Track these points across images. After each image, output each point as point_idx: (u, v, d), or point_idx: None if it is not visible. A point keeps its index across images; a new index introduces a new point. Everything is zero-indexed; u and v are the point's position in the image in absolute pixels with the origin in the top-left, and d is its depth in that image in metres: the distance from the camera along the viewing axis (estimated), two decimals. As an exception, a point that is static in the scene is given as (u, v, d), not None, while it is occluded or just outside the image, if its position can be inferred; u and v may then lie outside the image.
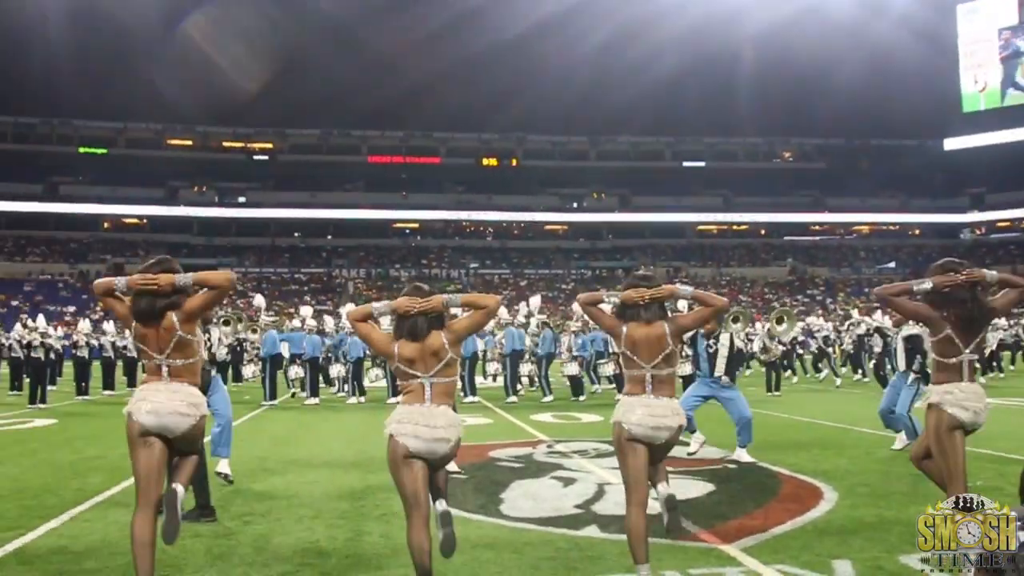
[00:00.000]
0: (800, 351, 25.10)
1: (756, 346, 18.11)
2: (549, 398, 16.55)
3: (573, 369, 17.07)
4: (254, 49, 63.41)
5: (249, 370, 20.36)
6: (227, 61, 63.54)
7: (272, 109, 67.75)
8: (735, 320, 10.83)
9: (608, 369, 17.17)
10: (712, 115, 69.83)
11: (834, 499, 6.52)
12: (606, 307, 4.91)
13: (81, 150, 68.94)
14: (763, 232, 72.94)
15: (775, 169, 76.16)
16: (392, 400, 16.64)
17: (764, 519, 5.99)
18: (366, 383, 17.64)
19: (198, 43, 62.66)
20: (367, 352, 16.86)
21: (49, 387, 17.60)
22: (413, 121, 70.89)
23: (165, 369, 4.21)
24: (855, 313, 23.75)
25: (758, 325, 19.83)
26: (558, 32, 66.63)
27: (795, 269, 66.31)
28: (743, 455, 8.88)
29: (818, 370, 22.89)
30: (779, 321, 17.13)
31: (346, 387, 17.97)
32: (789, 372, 21.78)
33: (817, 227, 73.13)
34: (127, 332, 15.69)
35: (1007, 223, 69.84)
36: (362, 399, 16.99)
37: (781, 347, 17.66)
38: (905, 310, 5.02)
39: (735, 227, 73.41)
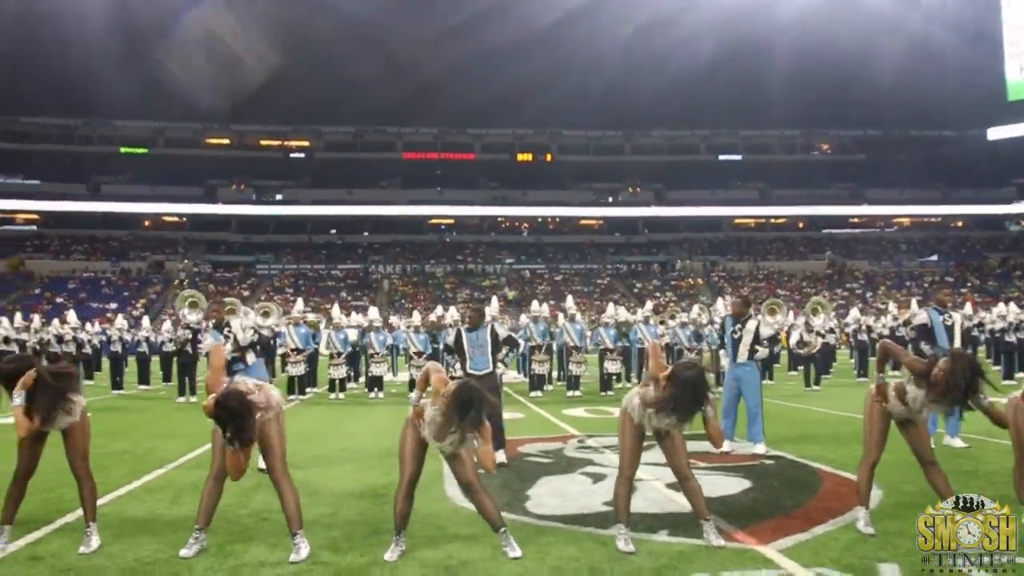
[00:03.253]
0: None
1: (793, 339, 17.78)
2: (575, 393, 16.29)
3: (614, 367, 16.75)
4: (289, 48, 63.68)
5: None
6: (263, 60, 63.89)
7: (308, 107, 68.03)
8: (771, 312, 10.54)
9: (614, 367, 16.76)
10: (747, 107, 68.73)
11: (878, 497, 6.17)
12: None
13: (122, 150, 69.88)
14: (801, 225, 71.82)
15: (812, 161, 74.96)
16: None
17: (804, 519, 5.68)
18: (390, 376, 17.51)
19: (232, 43, 63.04)
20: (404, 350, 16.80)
21: (85, 382, 17.69)
22: (448, 117, 70.79)
23: None
24: (892, 306, 23.15)
25: (797, 318, 19.43)
26: (589, 23, 65.86)
27: (833, 262, 65.17)
28: (759, 449, 8.66)
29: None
30: (815, 312, 16.81)
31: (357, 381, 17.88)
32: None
33: (856, 220, 71.77)
34: (162, 328, 15.71)
35: (1055, 213, 68.06)
36: (380, 394, 16.78)
37: (820, 339, 17.18)
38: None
39: (772, 220, 72.38)
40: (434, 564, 4.76)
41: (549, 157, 74.54)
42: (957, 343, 8.86)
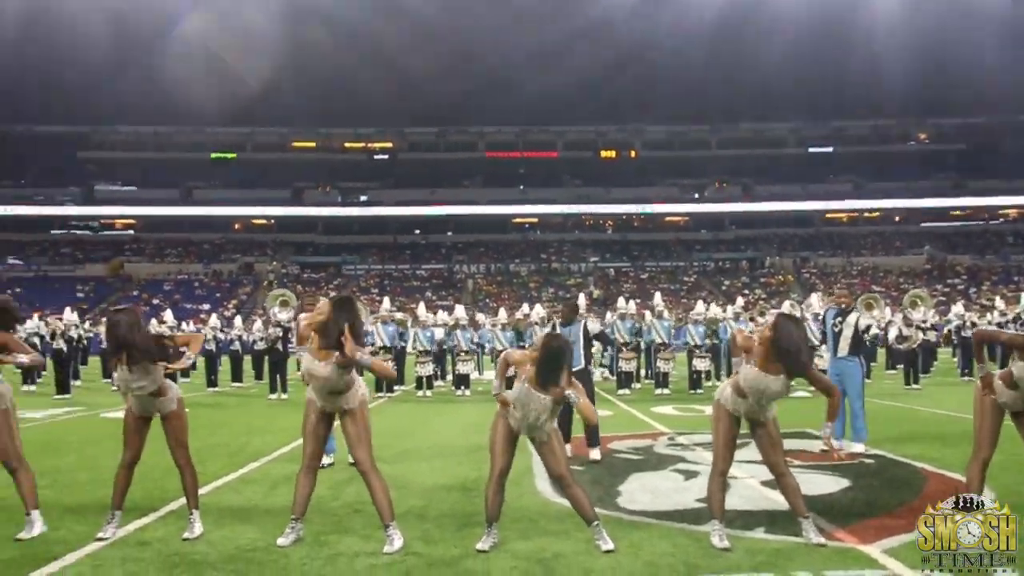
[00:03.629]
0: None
1: (892, 334, 17.14)
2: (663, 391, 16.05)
3: (703, 365, 16.48)
4: (369, 52, 64.83)
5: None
6: (346, 65, 65.17)
7: (391, 109, 69.06)
8: (868, 307, 10.21)
9: (703, 365, 16.43)
10: (838, 97, 66.74)
11: (989, 499, 5.86)
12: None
13: (212, 156, 72.29)
14: (897, 219, 69.29)
15: (909, 152, 72.20)
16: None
17: (910, 519, 5.43)
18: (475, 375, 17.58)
19: (318, 48, 64.45)
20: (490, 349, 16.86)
21: (182, 380, 18.31)
22: (529, 116, 70.88)
23: None
24: (1000, 302, 22.06)
25: (895, 314, 18.74)
26: (672, 16, 65.17)
27: (933, 257, 62.70)
28: (858, 448, 8.39)
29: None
30: (913, 306, 16.17)
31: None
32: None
33: (957, 212, 68.85)
34: (253, 327, 16.07)
35: None
36: (467, 392, 16.86)
37: (920, 334, 16.52)
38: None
39: (866, 214, 70.02)
40: (527, 556, 4.73)
41: (633, 153, 73.84)
42: (843, 348, 8.72)
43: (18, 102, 64.37)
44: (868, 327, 8.98)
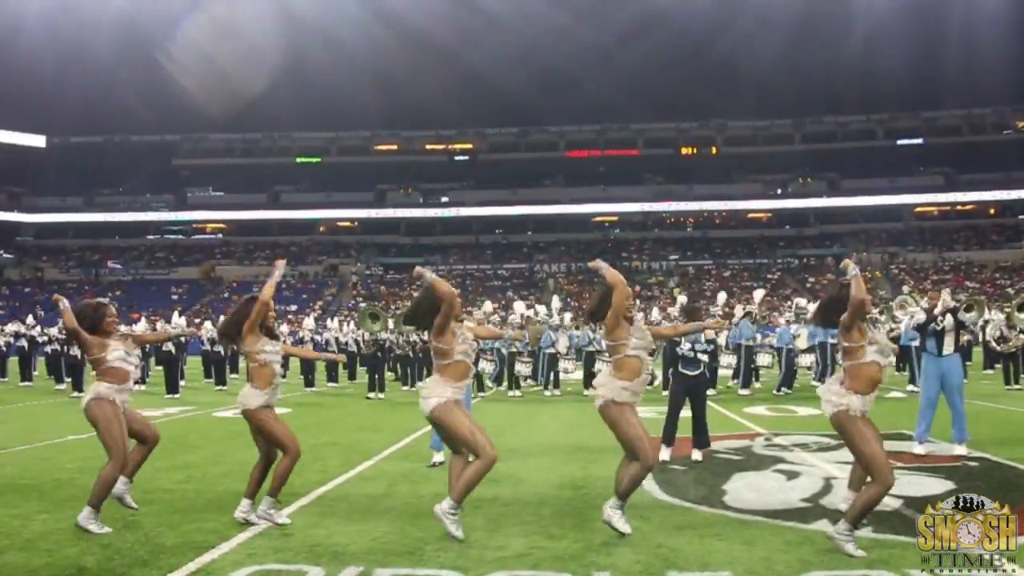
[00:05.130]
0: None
1: (991, 334, 16.78)
2: (745, 392, 16.08)
3: (765, 360, 16.53)
4: (444, 53, 65.69)
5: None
6: (422, 67, 66.21)
7: (471, 110, 69.86)
8: (968, 310, 10.15)
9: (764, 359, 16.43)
10: (927, 86, 64.69)
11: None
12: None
13: (298, 160, 74.38)
14: (992, 212, 66.86)
15: (1005, 141, 69.36)
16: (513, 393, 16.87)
17: (1020, 522, 5.51)
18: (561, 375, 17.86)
19: (395, 52, 65.54)
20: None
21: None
22: (609, 114, 70.83)
23: None
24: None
25: (994, 313, 18.33)
26: (754, 9, 64.28)
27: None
28: (961, 450, 8.35)
29: None
30: (1021, 308, 15.78)
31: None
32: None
33: (1057, 203, 66.08)
34: (345, 329, 16.79)
35: None
36: (557, 391, 17.17)
37: (1022, 336, 16.13)
38: None
39: (959, 207, 67.72)
40: (645, 550, 4.97)
41: (714, 150, 73.05)
42: (947, 345, 8.60)
43: (116, 113, 67.46)
44: (1000, 336, 8.96)
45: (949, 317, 8.73)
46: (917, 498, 6.33)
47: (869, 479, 5.00)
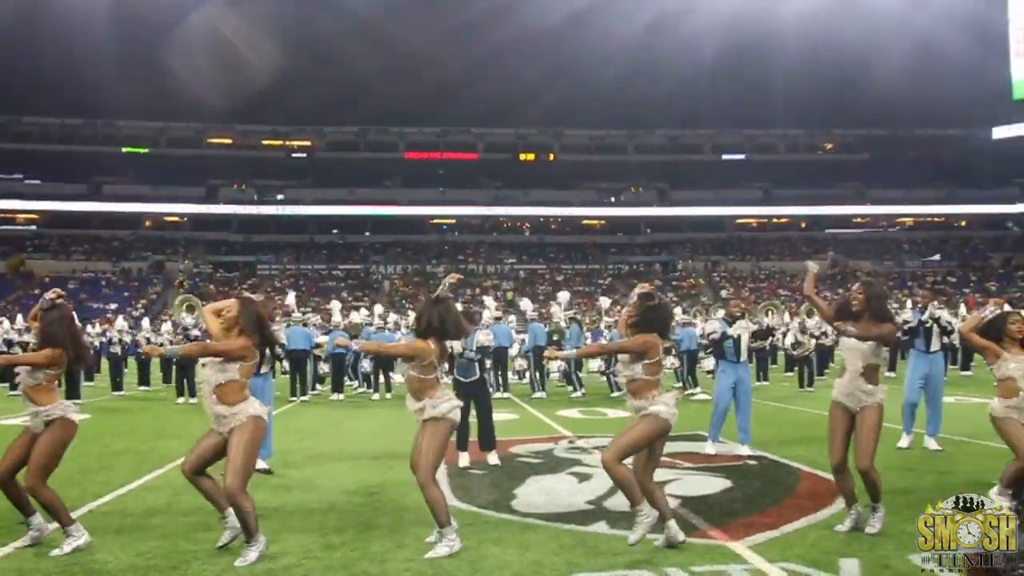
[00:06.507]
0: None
1: (788, 341, 17.98)
2: (579, 394, 16.45)
3: (595, 364, 17.05)
4: (291, 48, 63.98)
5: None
6: (264, 59, 64.17)
7: (310, 107, 68.28)
8: (766, 313, 10.76)
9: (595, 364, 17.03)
10: (751, 107, 68.79)
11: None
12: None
13: (124, 150, 70.20)
14: (804, 225, 71.85)
15: (816, 161, 74.86)
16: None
17: (776, 517, 5.91)
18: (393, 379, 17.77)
19: (235, 43, 63.29)
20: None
21: (85, 383, 17.93)
22: (450, 117, 71.07)
23: None
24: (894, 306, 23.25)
25: (793, 319, 19.64)
26: (593, 24, 66.19)
27: (836, 262, 65.18)
28: (743, 450, 8.85)
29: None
30: (810, 314, 17.01)
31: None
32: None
33: (859, 219, 71.77)
34: (162, 329, 16.04)
35: (1058, 214, 68.06)
36: (388, 395, 17.11)
37: (814, 341, 17.36)
38: None
39: (775, 220, 72.36)
40: (419, 557, 4.97)
41: (552, 156, 74.68)
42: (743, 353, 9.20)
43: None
44: (795, 342, 9.53)
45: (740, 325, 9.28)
46: (695, 497, 6.67)
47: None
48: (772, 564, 4.71)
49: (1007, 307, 7.74)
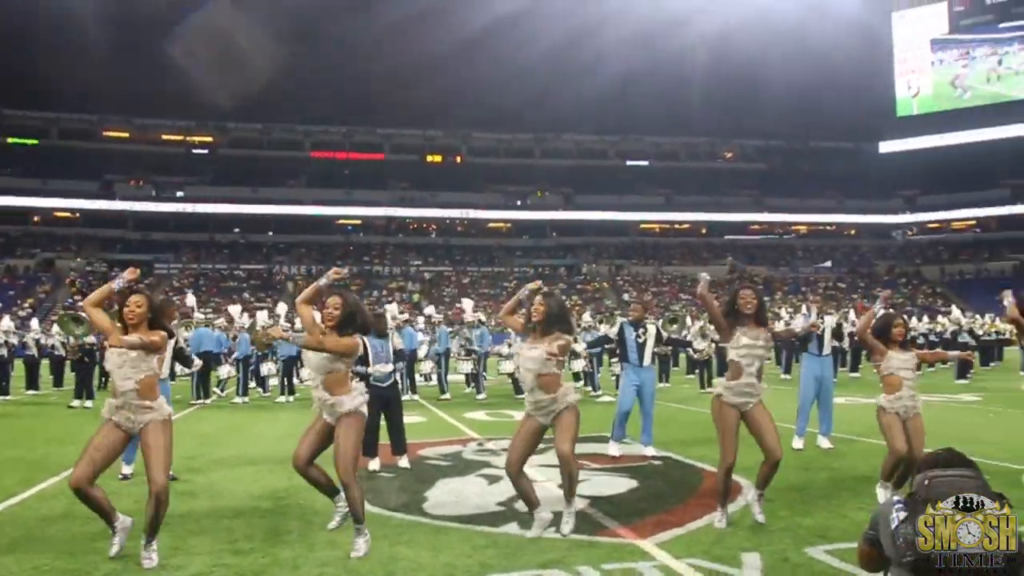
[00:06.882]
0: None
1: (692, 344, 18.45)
2: (483, 396, 16.59)
3: (509, 367, 17.13)
4: (197, 39, 62.29)
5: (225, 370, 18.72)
6: (166, 51, 62.31)
7: (212, 102, 66.54)
8: (672, 322, 11.01)
9: (508, 367, 17.14)
10: (658, 116, 70.68)
11: (753, 494, 6.64)
12: None
13: (10, 140, 66.82)
14: (704, 231, 73.93)
15: (716, 169, 77.20)
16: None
17: (682, 514, 6.10)
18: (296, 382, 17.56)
19: (132, 32, 61.25)
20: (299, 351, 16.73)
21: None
22: (357, 117, 70.39)
23: None
24: (784, 312, 24.21)
25: (694, 323, 20.18)
26: (508, 33, 66.78)
27: (734, 268, 67.32)
28: (649, 451, 9.08)
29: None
30: (672, 322, 17.53)
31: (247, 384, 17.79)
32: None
33: (757, 226, 74.33)
34: (52, 330, 15.44)
35: (937, 224, 72.12)
36: (291, 398, 16.88)
37: (714, 344, 17.90)
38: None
39: (677, 226, 74.21)
40: (331, 562, 4.93)
41: (459, 159, 74.78)
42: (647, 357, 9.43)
43: None
44: (669, 338, 9.77)
45: (649, 330, 9.50)
46: (603, 497, 6.82)
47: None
48: (679, 560, 4.87)
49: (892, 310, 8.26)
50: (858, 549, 3.01)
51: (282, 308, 19.08)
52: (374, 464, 8.22)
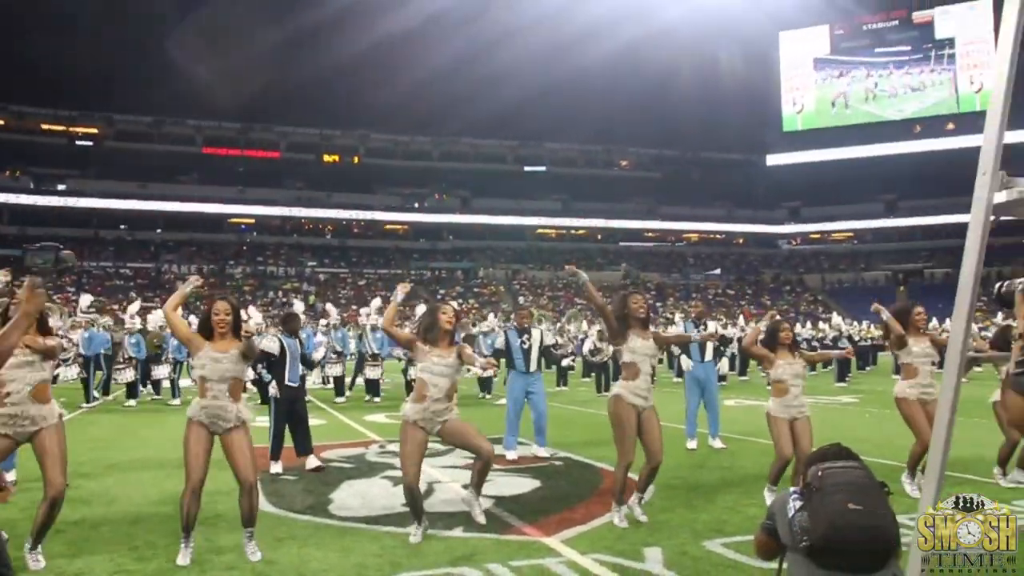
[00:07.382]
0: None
1: (587, 347, 18.86)
2: (378, 399, 16.63)
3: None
4: (82, 24, 59.74)
5: (73, 371, 18.25)
6: (49, 34, 59.42)
7: (97, 91, 63.86)
8: (569, 322, 11.25)
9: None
10: (558, 125, 71.70)
11: (651, 492, 6.90)
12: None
13: None
14: (599, 237, 75.26)
15: (612, 176, 78.69)
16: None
17: (584, 512, 6.30)
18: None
19: (5, 14, 58.15)
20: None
21: None
22: (254, 114, 68.82)
23: None
24: (679, 316, 24.97)
25: (591, 327, 20.59)
26: (413, 40, 66.68)
27: (628, 273, 68.77)
28: (544, 452, 9.29)
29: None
30: (570, 320, 17.96)
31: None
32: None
33: (650, 233, 76.15)
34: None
35: (818, 235, 75.72)
36: (177, 401, 16.50)
37: (611, 348, 18.31)
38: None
39: (573, 231, 75.30)
40: (239, 565, 4.91)
41: (356, 159, 73.92)
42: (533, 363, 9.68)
43: None
44: (555, 344, 9.96)
45: (532, 336, 9.70)
46: (508, 497, 6.96)
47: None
48: (584, 556, 5.05)
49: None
50: (756, 539, 3.22)
51: (375, 303, 18.70)
52: (276, 467, 8.14)
